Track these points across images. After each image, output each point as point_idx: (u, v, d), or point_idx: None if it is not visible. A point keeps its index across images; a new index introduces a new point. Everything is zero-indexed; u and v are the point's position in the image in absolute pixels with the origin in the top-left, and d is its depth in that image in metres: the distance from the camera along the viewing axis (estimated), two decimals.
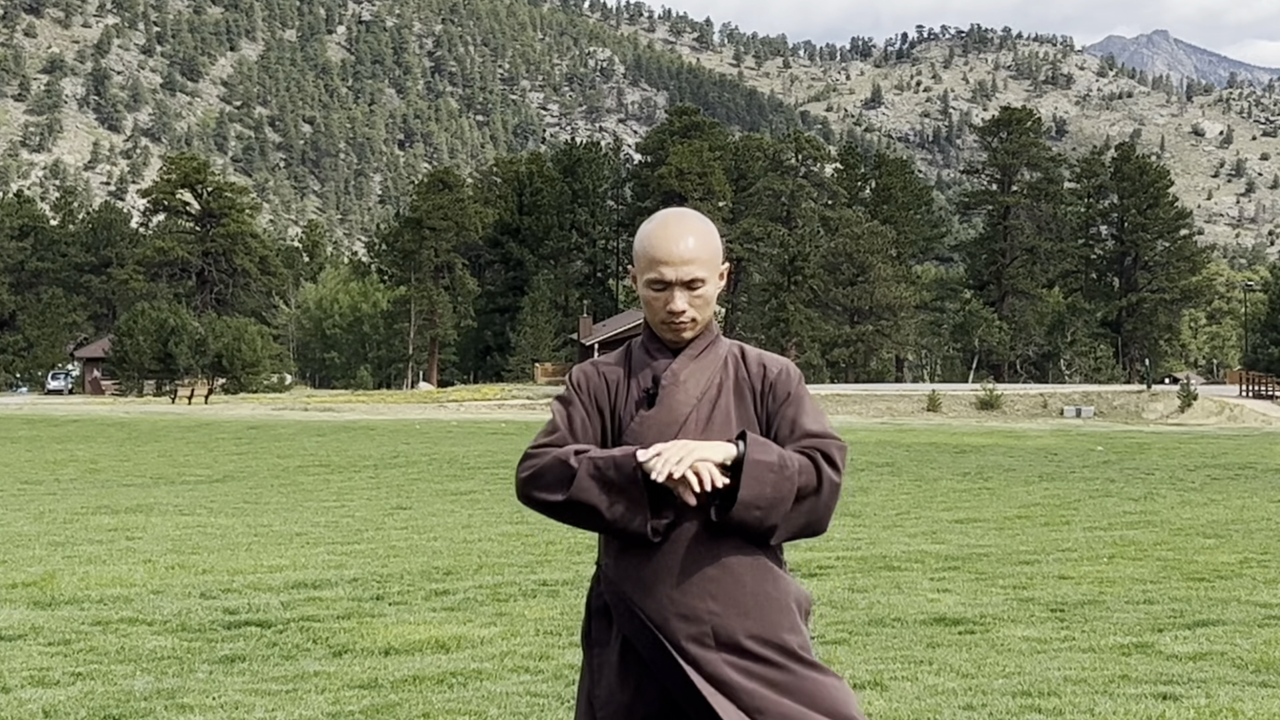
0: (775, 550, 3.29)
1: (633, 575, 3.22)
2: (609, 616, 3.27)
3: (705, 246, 3.29)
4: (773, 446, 3.18)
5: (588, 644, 3.33)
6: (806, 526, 3.21)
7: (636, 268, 3.34)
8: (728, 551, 3.21)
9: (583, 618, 3.39)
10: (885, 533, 14.67)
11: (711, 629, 3.18)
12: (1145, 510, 17.49)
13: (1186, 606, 9.64)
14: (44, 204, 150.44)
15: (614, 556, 3.27)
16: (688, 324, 3.31)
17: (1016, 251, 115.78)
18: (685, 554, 3.20)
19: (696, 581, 3.19)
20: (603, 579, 3.31)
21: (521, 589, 10.38)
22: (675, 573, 3.20)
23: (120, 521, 15.52)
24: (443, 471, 24.78)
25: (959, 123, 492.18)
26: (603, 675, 3.26)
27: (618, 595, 3.24)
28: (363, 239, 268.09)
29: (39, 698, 6.87)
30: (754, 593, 3.21)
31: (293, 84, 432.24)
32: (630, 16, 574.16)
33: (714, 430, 3.25)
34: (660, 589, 3.20)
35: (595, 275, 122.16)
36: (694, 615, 3.18)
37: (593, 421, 3.31)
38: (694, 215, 3.34)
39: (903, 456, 29.65)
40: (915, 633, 8.62)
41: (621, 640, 3.23)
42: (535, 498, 3.22)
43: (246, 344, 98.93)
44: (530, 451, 3.25)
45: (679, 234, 3.28)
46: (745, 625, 3.19)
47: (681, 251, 3.26)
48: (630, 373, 3.36)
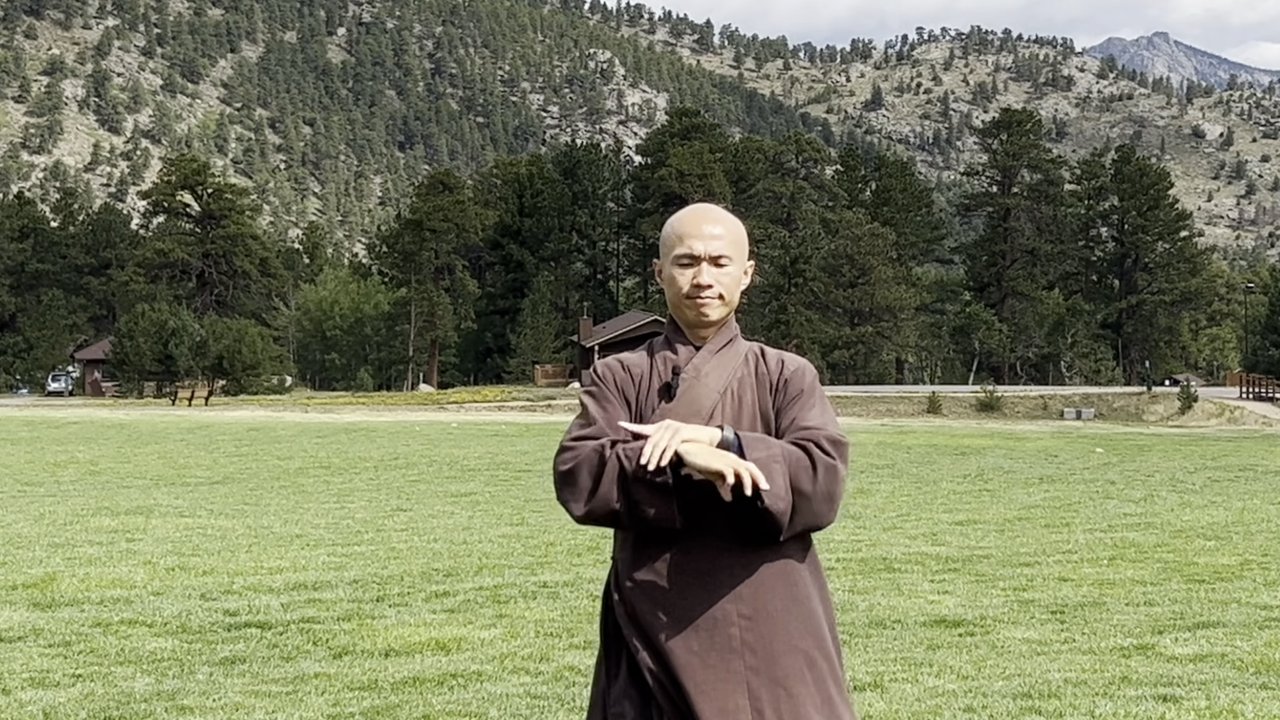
0: (804, 547, 3.26)
1: (652, 572, 3.18)
2: (628, 617, 3.23)
3: (732, 231, 3.36)
4: (770, 440, 3.16)
5: (605, 641, 3.29)
6: (809, 516, 3.14)
7: (663, 252, 3.38)
8: (759, 552, 3.17)
9: (600, 615, 3.36)
10: (885, 534, 14.67)
11: (739, 634, 3.14)
12: (1145, 512, 17.49)
13: (1187, 608, 9.64)
14: (44, 206, 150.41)
15: (631, 551, 3.23)
16: (713, 300, 3.31)
17: (1017, 253, 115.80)
18: (711, 554, 3.17)
19: (725, 583, 3.16)
20: (616, 572, 3.27)
21: (522, 590, 10.39)
22: (701, 572, 3.16)
23: (120, 523, 15.53)
24: (443, 473, 24.78)
25: (959, 124, 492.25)
26: (618, 675, 3.23)
27: (632, 590, 3.21)
28: (363, 241, 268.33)
29: (39, 699, 6.87)
30: (784, 596, 3.18)
31: (293, 86, 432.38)
32: (630, 18, 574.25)
33: (740, 426, 3.24)
34: (684, 589, 3.16)
35: (595, 277, 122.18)
36: (723, 618, 3.15)
37: (621, 412, 3.29)
38: (723, 209, 3.43)
39: (903, 458, 29.64)
40: (915, 634, 8.62)
41: (639, 642, 3.20)
42: (567, 496, 3.18)
43: (247, 346, 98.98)
44: (566, 445, 3.20)
45: (708, 216, 3.37)
46: (772, 631, 3.15)
47: (710, 229, 3.33)
48: (653, 366, 3.36)
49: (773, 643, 3.16)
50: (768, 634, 3.16)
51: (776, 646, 3.16)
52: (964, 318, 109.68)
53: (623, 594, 3.23)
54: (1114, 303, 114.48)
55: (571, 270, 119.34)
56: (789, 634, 3.17)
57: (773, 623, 3.16)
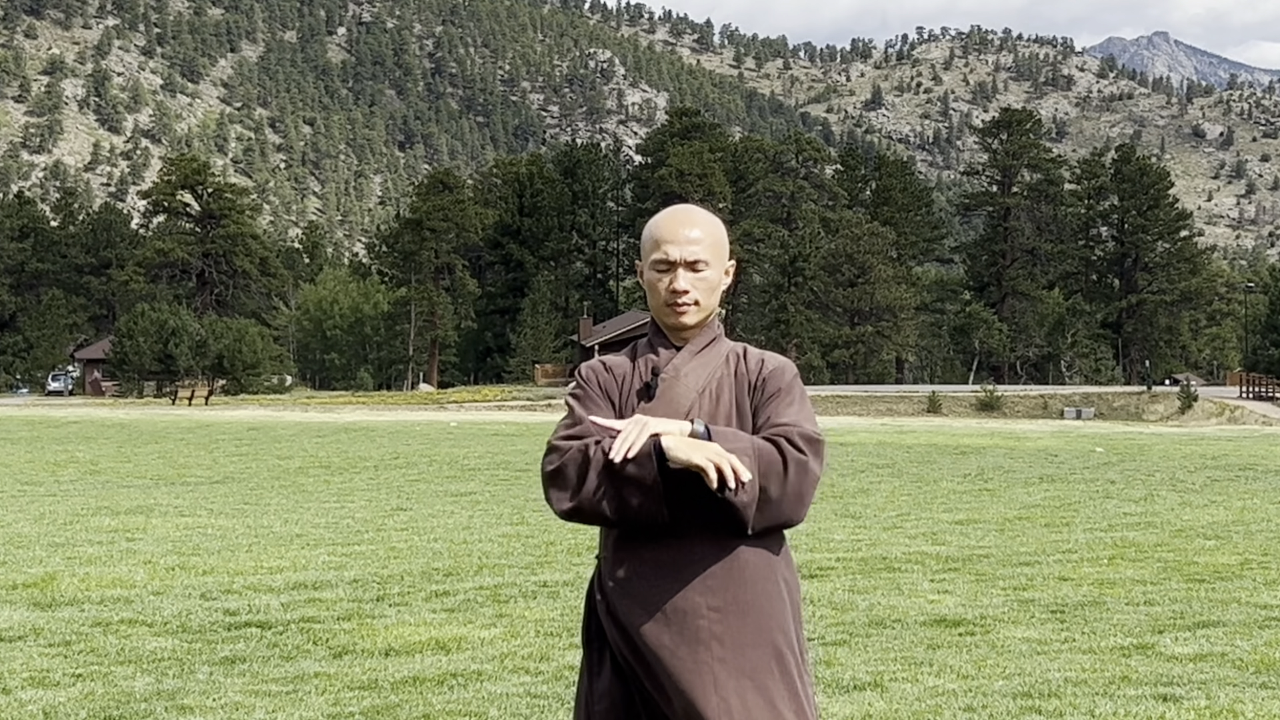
0: (778, 542, 3.28)
1: (630, 568, 3.21)
2: (608, 613, 3.26)
3: (710, 234, 3.36)
4: (740, 433, 3.17)
5: (587, 639, 3.33)
6: (776, 512, 3.14)
7: (643, 254, 3.40)
8: (732, 546, 3.19)
9: (583, 614, 3.39)
10: (885, 534, 14.67)
11: (707, 625, 3.16)
12: (1145, 511, 17.48)
13: (1187, 608, 9.64)
14: (44, 205, 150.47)
15: (612, 549, 3.26)
16: (690, 306, 3.32)
17: (1017, 253, 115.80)
18: (686, 547, 3.19)
19: (698, 576, 3.18)
20: (600, 571, 3.31)
21: (522, 590, 10.39)
22: (675, 566, 3.19)
23: (120, 523, 15.52)
24: (443, 473, 24.77)
25: (959, 124, 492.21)
26: (600, 672, 3.26)
27: (613, 589, 3.23)
28: (363, 240, 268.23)
29: (39, 699, 6.87)
30: (755, 590, 3.20)
31: (293, 85, 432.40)
32: (631, 18, 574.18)
33: (717, 424, 3.24)
34: (658, 582, 3.19)
35: (595, 276, 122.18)
36: (692, 610, 3.17)
37: (605, 413, 3.32)
38: (702, 209, 3.42)
39: (903, 458, 29.64)
40: (915, 634, 8.62)
41: (618, 637, 3.23)
42: (553, 494, 3.20)
43: (247, 345, 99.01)
44: (553, 445, 3.22)
45: (685, 219, 3.36)
46: (742, 623, 3.18)
47: (687, 233, 3.32)
48: (635, 367, 3.39)
49: (741, 635, 3.18)
50: (737, 627, 3.18)
51: (745, 639, 3.18)
52: (964, 317, 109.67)
53: (604, 592, 3.26)
54: (1114, 302, 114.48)
55: (571, 270, 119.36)
56: (758, 627, 3.19)
57: (743, 616, 3.18)
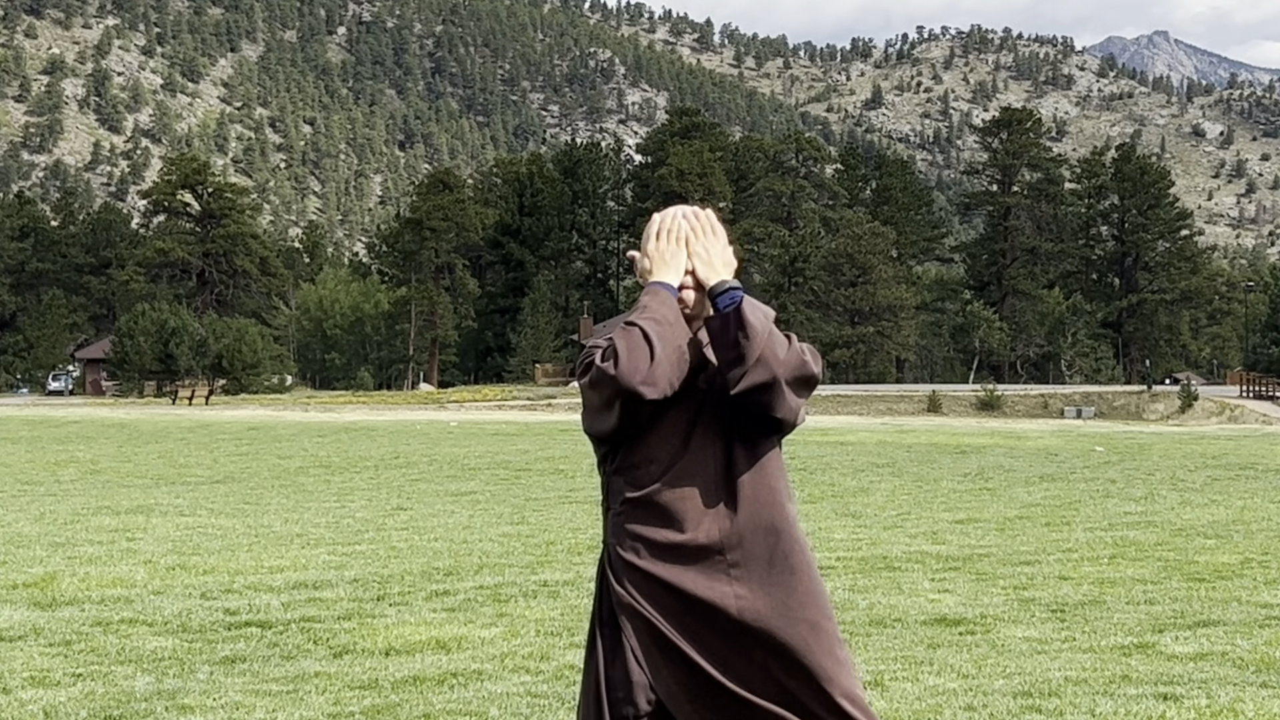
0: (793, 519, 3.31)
1: (644, 557, 3.23)
2: (625, 594, 3.25)
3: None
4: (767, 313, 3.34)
5: (600, 623, 3.32)
6: (779, 391, 3.19)
7: (643, 249, 3.45)
8: (747, 522, 3.23)
9: (594, 599, 3.39)
10: (886, 533, 14.67)
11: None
12: (1146, 511, 17.48)
13: (1187, 607, 9.64)
14: (44, 205, 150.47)
15: (623, 536, 3.28)
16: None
17: (1017, 252, 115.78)
18: (700, 528, 3.22)
19: (714, 559, 3.21)
20: (611, 560, 3.31)
21: (522, 589, 10.39)
22: (690, 550, 3.21)
23: (121, 522, 15.52)
24: (443, 472, 24.76)
25: (959, 123, 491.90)
26: (618, 655, 3.25)
27: (630, 578, 3.23)
28: (363, 240, 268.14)
29: (39, 698, 6.87)
30: (780, 567, 3.24)
31: (293, 85, 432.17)
32: (631, 17, 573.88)
33: (722, 405, 3.28)
34: (674, 568, 3.21)
35: (596, 276, 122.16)
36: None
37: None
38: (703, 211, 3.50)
39: (903, 457, 29.64)
40: (916, 633, 8.62)
41: (639, 620, 3.22)
42: (629, 367, 3.17)
43: (247, 345, 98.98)
44: (591, 348, 3.28)
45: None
46: (768, 602, 3.21)
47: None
48: None
49: (771, 618, 3.20)
50: (765, 609, 3.19)
51: (775, 622, 3.20)
52: (964, 316, 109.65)
53: (620, 577, 3.24)
54: (1114, 301, 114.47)
55: (572, 269, 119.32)
56: (789, 606, 3.21)
57: (770, 596, 3.20)
